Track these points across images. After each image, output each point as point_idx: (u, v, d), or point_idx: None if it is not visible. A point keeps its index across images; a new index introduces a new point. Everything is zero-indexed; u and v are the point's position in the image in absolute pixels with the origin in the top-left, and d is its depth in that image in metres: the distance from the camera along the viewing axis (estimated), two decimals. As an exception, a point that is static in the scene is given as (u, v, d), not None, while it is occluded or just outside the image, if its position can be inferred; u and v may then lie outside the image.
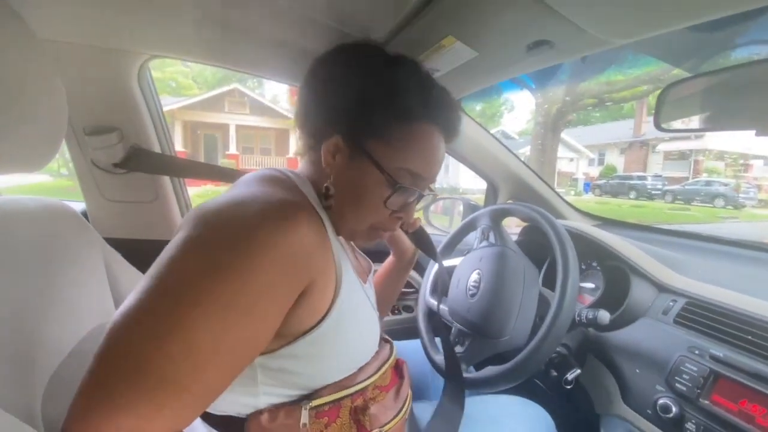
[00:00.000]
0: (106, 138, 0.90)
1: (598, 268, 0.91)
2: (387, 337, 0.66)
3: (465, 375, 0.73)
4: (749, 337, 0.59)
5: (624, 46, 0.60)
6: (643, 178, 13.33)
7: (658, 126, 0.67)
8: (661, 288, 0.76)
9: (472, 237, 0.96)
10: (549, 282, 0.77)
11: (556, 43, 0.60)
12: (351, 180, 0.50)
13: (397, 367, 0.63)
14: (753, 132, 0.59)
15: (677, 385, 0.61)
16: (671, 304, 0.71)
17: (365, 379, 0.52)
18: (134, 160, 0.94)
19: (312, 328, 0.44)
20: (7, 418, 0.31)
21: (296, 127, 0.56)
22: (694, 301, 0.69)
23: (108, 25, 0.74)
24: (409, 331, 1.22)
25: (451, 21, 0.60)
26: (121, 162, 0.93)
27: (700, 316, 0.66)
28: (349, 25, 0.64)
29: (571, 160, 16.13)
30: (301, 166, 0.56)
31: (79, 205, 1.04)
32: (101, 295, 0.57)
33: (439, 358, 0.81)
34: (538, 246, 0.93)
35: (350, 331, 0.49)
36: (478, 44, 0.65)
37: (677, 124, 0.68)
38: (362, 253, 0.72)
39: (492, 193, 1.31)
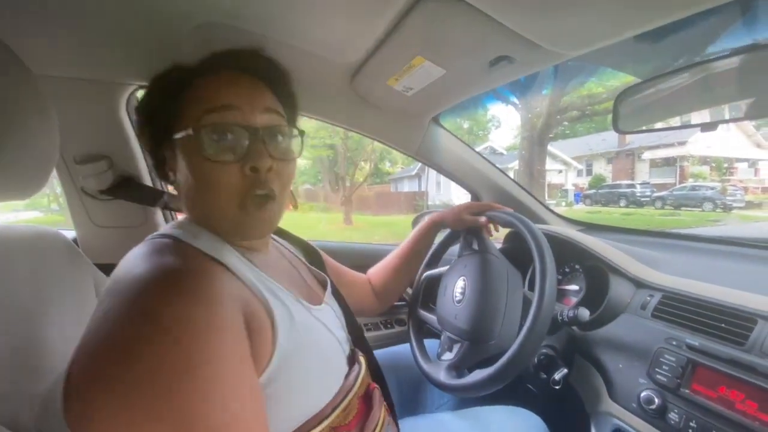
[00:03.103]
0: (96, 166, 0.92)
1: (580, 269, 0.94)
2: (360, 354, 0.62)
3: (452, 382, 0.73)
4: (722, 325, 0.61)
5: (579, 57, 0.65)
6: (632, 186, 13.52)
7: (617, 130, 0.71)
8: (638, 284, 0.78)
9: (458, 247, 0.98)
10: (534, 285, 0.79)
11: (515, 58, 0.65)
12: (185, 177, 0.49)
13: (366, 396, 0.57)
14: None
15: (658, 376, 0.62)
16: (648, 298, 0.73)
17: (317, 425, 0.46)
18: (121, 188, 0.96)
19: (264, 368, 0.42)
20: None
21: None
22: (669, 295, 0.71)
23: (97, 59, 0.78)
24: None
25: (418, 42, 0.65)
26: (108, 189, 0.95)
27: (676, 308, 0.68)
28: (324, 49, 0.68)
29: (560, 171, 16.39)
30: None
31: (71, 233, 1.05)
32: None
33: (429, 367, 0.82)
34: (521, 251, 0.95)
35: (306, 363, 0.47)
36: (444, 62, 0.70)
37: (636, 127, 0.72)
38: (316, 270, 0.70)
39: (476, 203, 1.34)
